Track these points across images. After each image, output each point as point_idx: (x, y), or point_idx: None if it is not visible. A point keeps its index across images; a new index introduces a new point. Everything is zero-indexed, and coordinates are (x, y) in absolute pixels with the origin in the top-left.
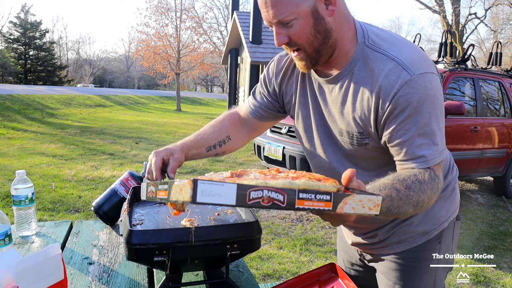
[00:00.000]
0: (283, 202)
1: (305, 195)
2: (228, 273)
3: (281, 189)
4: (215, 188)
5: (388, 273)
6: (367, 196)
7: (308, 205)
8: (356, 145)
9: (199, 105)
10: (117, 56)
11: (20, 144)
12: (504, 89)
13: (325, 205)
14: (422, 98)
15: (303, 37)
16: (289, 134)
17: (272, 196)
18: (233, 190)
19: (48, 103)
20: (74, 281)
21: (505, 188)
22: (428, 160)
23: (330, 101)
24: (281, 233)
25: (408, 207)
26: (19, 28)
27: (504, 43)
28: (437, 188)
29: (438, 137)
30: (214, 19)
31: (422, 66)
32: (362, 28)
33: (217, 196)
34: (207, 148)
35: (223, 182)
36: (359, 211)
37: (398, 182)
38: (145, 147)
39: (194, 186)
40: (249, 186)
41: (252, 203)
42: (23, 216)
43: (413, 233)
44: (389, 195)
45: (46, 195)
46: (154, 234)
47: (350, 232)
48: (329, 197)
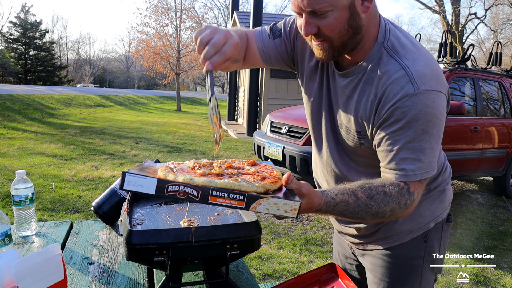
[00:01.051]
0: (197, 196)
1: (219, 193)
2: (228, 273)
3: (197, 186)
4: (139, 180)
5: (374, 270)
6: (284, 200)
7: (221, 201)
8: (351, 141)
9: (199, 105)
10: (117, 56)
11: (20, 144)
12: (504, 89)
13: (238, 203)
14: (419, 114)
15: (335, 30)
16: (289, 134)
17: (187, 191)
18: (153, 183)
19: (48, 103)
20: (74, 281)
21: (505, 188)
22: (407, 175)
23: (339, 93)
24: (281, 233)
25: (366, 215)
26: (19, 28)
27: (504, 43)
28: (405, 204)
29: (427, 155)
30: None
31: (431, 82)
32: (386, 27)
33: (140, 186)
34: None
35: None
36: (274, 212)
37: (361, 190)
38: (145, 147)
39: (123, 177)
40: (167, 181)
41: (169, 194)
42: (23, 216)
43: (397, 231)
44: (345, 201)
45: (46, 195)
46: (154, 234)
47: (337, 222)
48: (242, 197)
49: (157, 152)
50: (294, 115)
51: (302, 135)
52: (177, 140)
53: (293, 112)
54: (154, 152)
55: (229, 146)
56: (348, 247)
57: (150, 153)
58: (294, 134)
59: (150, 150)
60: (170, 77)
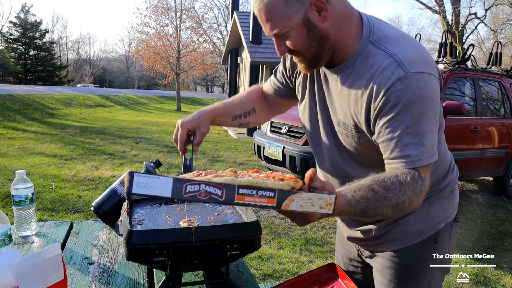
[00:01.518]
0: (221, 196)
1: (246, 190)
2: (228, 273)
3: (220, 184)
4: (150, 180)
5: (383, 271)
6: (318, 194)
7: (249, 200)
8: (351, 137)
9: (199, 105)
10: (117, 56)
11: (20, 144)
12: (504, 89)
13: (268, 201)
14: (414, 96)
15: (298, 45)
16: (289, 134)
17: (209, 191)
18: (169, 183)
19: (48, 103)
20: (74, 281)
21: (505, 188)
22: (413, 161)
23: (332, 91)
24: (281, 233)
25: (386, 209)
26: (19, 28)
27: (504, 43)
28: (420, 190)
29: (428, 139)
30: (214, 19)
31: (420, 65)
32: (369, 22)
33: (153, 188)
34: (233, 117)
35: (160, 175)
36: (308, 209)
37: (376, 183)
38: (145, 147)
39: (130, 178)
40: (185, 180)
41: (188, 196)
42: (23, 216)
43: (408, 232)
44: (364, 197)
45: (46, 195)
46: (154, 234)
47: (345, 225)
48: (272, 193)
49: (157, 152)
50: (294, 115)
51: (302, 135)
52: None
53: (293, 112)
54: (154, 152)
55: (229, 146)
56: (355, 248)
57: (150, 153)
58: (294, 134)
59: (150, 150)
60: (170, 77)
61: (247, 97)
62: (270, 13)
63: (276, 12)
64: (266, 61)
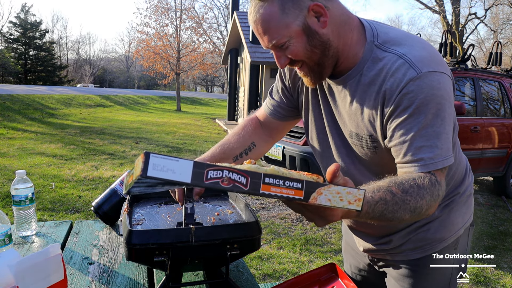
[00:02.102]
0: (245, 185)
1: (272, 180)
2: (228, 273)
3: (244, 171)
4: (169, 163)
5: (401, 280)
6: (347, 188)
7: (275, 191)
8: (366, 148)
9: (199, 105)
10: (117, 56)
11: (20, 144)
12: (504, 89)
13: (296, 193)
14: (427, 97)
15: (300, 54)
16: (289, 134)
17: (233, 178)
18: (189, 167)
19: (48, 103)
20: (74, 281)
21: (505, 188)
22: (427, 164)
23: (339, 102)
24: (281, 233)
25: (405, 213)
26: (19, 28)
27: (504, 43)
28: (438, 195)
29: (443, 141)
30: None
31: (432, 64)
32: (371, 27)
33: (171, 172)
34: (234, 158)
35: (179, 158)
36: (337, 204)
37: (394, 185)
38: (145, 147)
39: (146, 159)
40: (207, 164)
41: (209, 183)
42: (23, 216)
43: (429, 240)
44: (383, 198)
45: (46, 195)
46: (154, 234)
47: (361, 239)
48: (300, 185)
49: (157, 152)
50: None
51: (302, 135)
52: (177, 140)
53: None
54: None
55: None
56: (366, 258)
57: None
58: (294, 134)
59: (150, 150)
60: (170, 77)
61: (243, 132)
62: (267, 23)
63: (273, 22)
64: (266, 61)
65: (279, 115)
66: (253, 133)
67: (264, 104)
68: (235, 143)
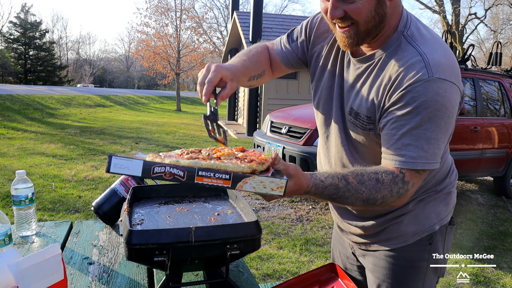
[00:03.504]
0: (183, 177)
1: (205, 173)
2: (228, 273)
3: (183, 167)
4: (125, 162)
5: (376, 271)
6: (270, 178)
7: (207, 181)
8: (360, 128)
9: (199, 105)
10: (117, 56)
11: (20, 144)
12: (504, 89)
13: (224, 182)
14: (428, 102)
15: (362, 14)
16: (289, 134)
17: (173, 172)
18: (139, 165)
19: (48, 103)
20: (74, 281)
21: (505, 188)
22: (406, 162)
23: (353, 79)
24: (281, 233)
25: (356, 200)
26: (19, 28)
27: (504, 43)
28: (398, 193)
29: (431, 146)
30: (214, 19)
31: (446, 72)
32: (407, 17)
33: (126, 169)
34: (249, 78)
35: (132, 158)
36: (260, 190)
37: (352, 175)
38: (145, 147)
39: (109, 160)
40: (153, 163)
41: (155, 176)
42: (23, 216)
43: (403, 232)
44: (334, 184)
45: (46, 195)
46: (154, 234)
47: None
48: (228, 176)
49: (157, 152)
50: (294, 115)
51: (302, 135)
52: (177, 140)
53: (293, 112)
54: (154, 152)
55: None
56: (349, 246)
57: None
58: (294, 134)
59: (150, 150)
60: (170, 77)
61: (259, 59)
62: None
63: None
64: None
65: (285, 60)
66: (265, 63)
67: (278, 41)
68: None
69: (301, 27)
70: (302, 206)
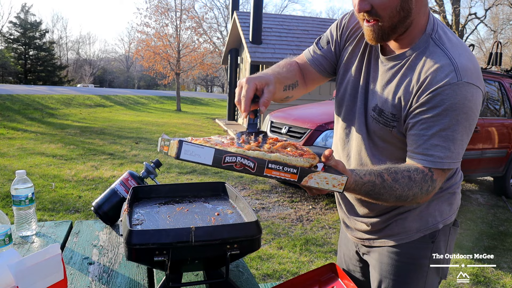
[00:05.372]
0: (253, 168)
1: (274, 165)
2: (228, 273)
3: (254, 158)
4: (196, 149)
5: (378, 267)
6: (333, 175)
7: (275, 174)
8: (382, 123)
9: (199, 105)
10: (117, 56)
11: (20, 144)
12: (504, 89)
13: (291, 176)
14: (457, 104)
15: (387, 9)
16: (289, 134)
17: (244, 162)
18: (211, 153)
19: (48, 103)
20: (74, 281)
21: (505, 188)
22: (435, 162)
23: (379, 77)
24: (281, 233)
25: (390, 197)
26: (19, 28)
27: (504, 43)
28: (427, 190)
29: (456, 146)
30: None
31: (473, 77)
32: (434, 21)
33: (197, 156)
34: (285, 87)
35: (204, 145)
36: (323, 186)
37: (387, 172)
38: (145, 147)
39: (180, 145)
40: (225, 151)
41: (226, 165)
42: (23, 216)
43: (406, 229)
44: (372, 181)
45: (46, 195)
46: (154, 234)
47: (345, 212)
48: (295, 170)
49: (157, 152)
50: (294, 115)
51: (302, 135)
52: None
53: (293, 112)
54: (154, 152)
55: None
56: (353, 245)
57: (150, 153)
58: (294, 134)
59: (150, 150)
60: (170, 77)
61: (291, 69)
62: None
63: None
64: (266, 61)
65: (318, 65)
66: (297, 72)
67: (306, 51)
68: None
69: (329, 31)
70: (302, 206)
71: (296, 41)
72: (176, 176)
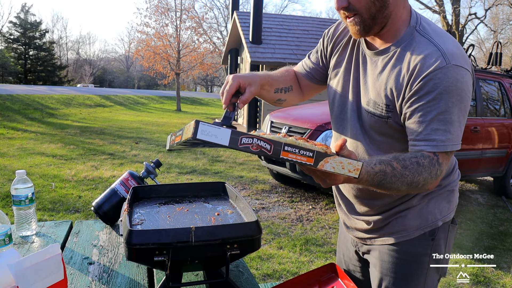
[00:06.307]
0: (269, 150)
1: (290, 148)
2: (228, 273)
3: (270, 140)
4: (213, 130)
5: (379, 265)
6: (348, 160)
7: (292, 157)
8: (378, 116)
9: (199, 105)
10: (117, 56)
11: (20, 144)
12: (504, 89)
13: (307, 160)
14: (450, 87)
15: (362, 2)
16: (289, 134)
17: (260, 144)
18: (227, 134)
19: (48, 103)
20: (74, 281)
21: (505, 188)
22: (438, 145)
23: (369, 72)
24: (281, 233)
25: (402, 185)
26: (19, 28)
27: (504, 43)
28: (436, 174)
29: (455, 128)
30: (214, 19)
31: (460, 60)
32: (417, 16)
33: (214, 136)
34: (276, 90)
35: (221, 126)
36: (339, 171)
37: (396, 160)
38: (145, 147)
39: (196, 125)
40: (242, 132)
41: (242, 147)
42: (23, 216)
43: (406, 226)
44: (383, 170)
45: (46, 195)
46: (154, 234)
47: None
48: (311, 153)
49: (157, 152)
50: (294, 115)
51: (302, 135)
52: None
53: (293, 112)
54: (154, 152)
55: None
56: (352, 245)
57: (150, 153)
58: (294, 134)
59: (150, 150)
60: (170, 77)
61: (286, 74)
62: None
63: None
64: (266, 61)
65: (311, 77)
66: (292, 79)
67: (301, 63)
68: (279, 78)
69: (319, 43)
70: (302, 206)
71: (296, 41)
72: (176, 176)
